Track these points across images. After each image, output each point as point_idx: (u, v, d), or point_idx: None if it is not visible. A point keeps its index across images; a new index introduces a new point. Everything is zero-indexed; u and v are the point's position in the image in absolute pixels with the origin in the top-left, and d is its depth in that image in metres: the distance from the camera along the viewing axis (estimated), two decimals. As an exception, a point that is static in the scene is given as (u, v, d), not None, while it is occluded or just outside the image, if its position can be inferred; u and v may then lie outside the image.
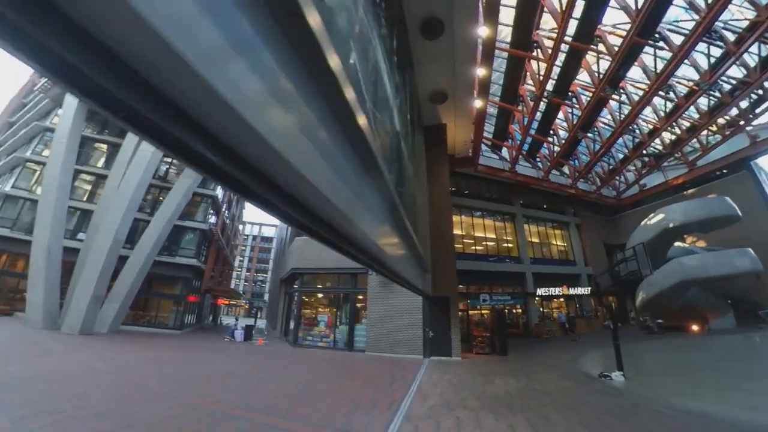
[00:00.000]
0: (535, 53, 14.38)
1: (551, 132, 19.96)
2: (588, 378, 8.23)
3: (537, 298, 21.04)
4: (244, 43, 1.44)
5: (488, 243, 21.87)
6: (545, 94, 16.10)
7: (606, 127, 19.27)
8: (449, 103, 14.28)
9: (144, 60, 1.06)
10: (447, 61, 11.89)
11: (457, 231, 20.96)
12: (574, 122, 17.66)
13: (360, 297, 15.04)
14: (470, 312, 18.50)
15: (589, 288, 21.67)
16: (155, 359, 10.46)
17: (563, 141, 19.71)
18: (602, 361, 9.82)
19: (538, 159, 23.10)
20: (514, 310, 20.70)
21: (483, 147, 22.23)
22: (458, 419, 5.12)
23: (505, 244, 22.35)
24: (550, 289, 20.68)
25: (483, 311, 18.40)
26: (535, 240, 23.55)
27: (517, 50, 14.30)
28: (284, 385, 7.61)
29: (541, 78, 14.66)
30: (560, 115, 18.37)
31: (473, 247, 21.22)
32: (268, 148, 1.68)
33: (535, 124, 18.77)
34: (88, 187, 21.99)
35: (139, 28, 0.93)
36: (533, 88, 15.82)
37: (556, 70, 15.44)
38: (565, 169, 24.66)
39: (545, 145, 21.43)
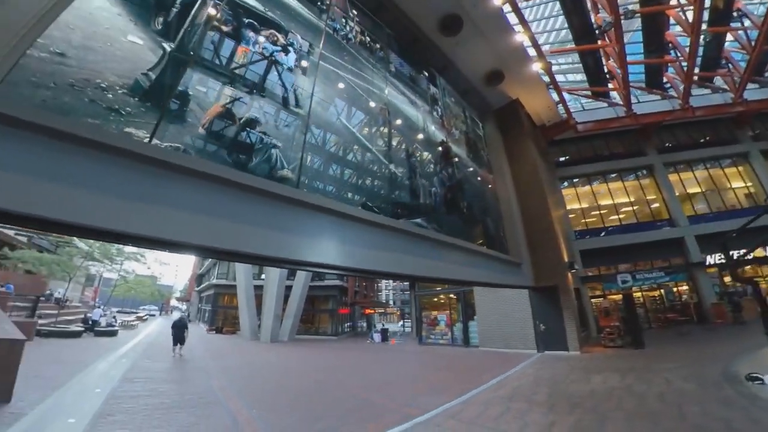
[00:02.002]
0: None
1: (669, 45, 15.32)
2: (730, 381, 6.36)
3: (712, 269, 15.99)
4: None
5: (621, 211, 18.26)
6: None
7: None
8: (509, 78, 13.53)
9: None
10: (479, 42, 11.71)
11: (573, 206, 18.62)
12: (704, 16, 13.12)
13: (470, 295, 15.57)
14: (594, 300, 15.99)
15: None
16: (309, 356, 14.38)
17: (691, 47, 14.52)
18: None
19: (667, 85, 17.80)
20: (674, 290, 16.44)
21: (583, 100, 19.03)
22: (508, 408, 5.55)
23: (646, 208, 18.08)
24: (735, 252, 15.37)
25: (615, 296, 15.55)
26: (695, 190, 18.01)
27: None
28: (386, 373, 9.52)
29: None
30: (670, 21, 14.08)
31: (601, 220, 18.18)
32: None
33: (636, 48, 14.99)
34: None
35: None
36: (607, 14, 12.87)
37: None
38: (718, 82, 18.00)
39: (670, 65, 16.43)
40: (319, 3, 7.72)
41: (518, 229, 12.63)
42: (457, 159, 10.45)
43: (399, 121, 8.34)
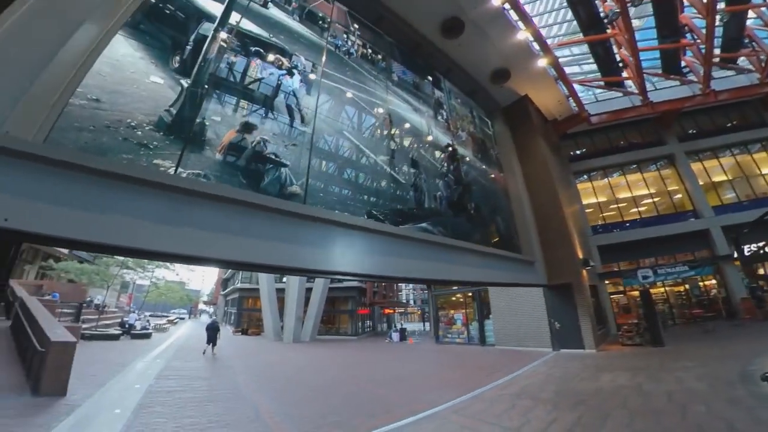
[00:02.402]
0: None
1: (684, 28, 14.73)
2: (744, 381, 6.20)
3: (738, 262, 15.28)
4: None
5: (641, 204, 17.77)
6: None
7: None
8: (516, 75, 13.46)
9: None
10: (482, 42, 11.74)
11: (590, 200, 18.28)
12: None
13: (486, 294, 15.70)
14: (614, 297, 15.66)
15: None
16: (328, 355, 14.98)
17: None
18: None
19: (686, 69, 17.09)
20: (700, 284, 15.85)
21: (597, 90, 18.61)
22: (513, 405, 5.82)
23: (668, 199, 17.50)
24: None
25: (635, 293, 15.18)
26: (720, 178, 17.26)
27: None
28: (400, 371, 9.93)
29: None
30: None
31: (619, 214, 17.77)
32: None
33: (649, 34, 14.50)
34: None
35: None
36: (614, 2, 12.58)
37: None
38: (743, 63, 17.08)
39: (688, 49, 15.78)
40: (320, 22, 8.21)
41: (530, 227, 12.67)
42: (464, 161, 10.68)
43: (402, 129, 8.70)
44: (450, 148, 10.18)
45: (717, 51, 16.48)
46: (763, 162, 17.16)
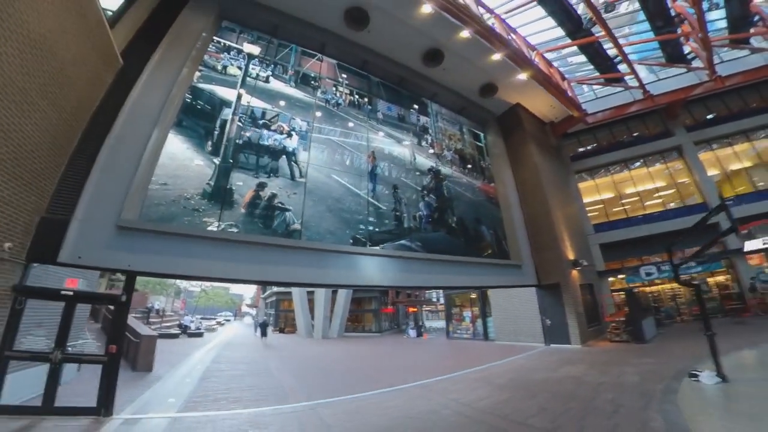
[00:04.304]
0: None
1: (677, 16, 15.02)
2: (676, 377, 6.93)
3: (753, 256, 15.36)
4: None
5: (647, 199, 18.23)
6: None
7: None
8: (503, 88, 14.83)
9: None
10: (464, 65, 13.28)
11: (591, 197, 18.96)
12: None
13: (487, 293, 17.38)
14: (616, 294, 16.47)
15: None
16: (348, 348, 17.67)
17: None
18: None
19: (691, 55, 17.14)
20: (709, 280, 16.16)
21: (596, 87, 19.25)
22: (468, 386, 7.73)
23: (676, 193, 17.82)
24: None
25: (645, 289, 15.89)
26: (734, 167, 17.20)
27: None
28: (402, 361, 12.35)
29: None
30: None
31: (624, 211, 18.37)
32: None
33: (642, 26, 15.00)
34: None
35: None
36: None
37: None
38: (754, 43, 16.72)
39: (690, 38, 15.91)
40: (312, 82, 10.62)
41: (520, 233, 14.16)
42: (448, 179, 12.58)
43: (385, 162, 10.89)
44: (433, 171, 12.16)
45: (725, 33, 16.56)
46: (773, 150, 16.80)
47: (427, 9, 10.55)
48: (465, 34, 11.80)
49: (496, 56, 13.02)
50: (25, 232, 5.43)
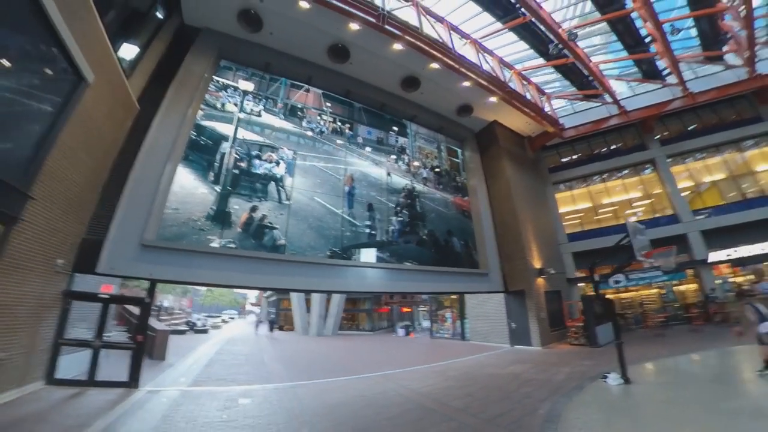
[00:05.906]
0: None
1: (648, 38, 16.31)
2: (594, 378, 7.76)
3: (714, 267, 16.57)
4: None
5: (622, 210, 19.71)
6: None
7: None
8: (478, 108, 16.38)
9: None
10: (440, 90, 14.94)
11: (567, 207, 20.40)
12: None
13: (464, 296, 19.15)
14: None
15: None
16: (339, 345, 19.63)
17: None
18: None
19: (666, 71, 18.44)
20: (674, 289, 17.60)
21: (575, 102, 20.71)
22: (424, 376, 9.50)
23: (649, 205, 19.27)
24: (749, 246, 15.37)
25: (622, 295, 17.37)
26: (706, 180, 18.38)
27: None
28: (381, 356, 14.26)
29: None
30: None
31: (597, 221, 19.88)
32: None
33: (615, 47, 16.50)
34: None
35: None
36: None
37: None
38: (730, 59, 17.94)
39: (662, 58, 17.17)
40: (299, 113, 12.49)
41: (489, 243, 15.81)
42: (422, 196, 14.37)
43: (363, 183, 12.73)
44: (405, 190, 13.95)
45: (699, 50, 17.79)
46: (745, 164, 18.03)
47: (397, 46, 12.30)
48: (434, 65, 13.42)
49: (466, 83, 14.60)
50: (71, 250, 7.44)
